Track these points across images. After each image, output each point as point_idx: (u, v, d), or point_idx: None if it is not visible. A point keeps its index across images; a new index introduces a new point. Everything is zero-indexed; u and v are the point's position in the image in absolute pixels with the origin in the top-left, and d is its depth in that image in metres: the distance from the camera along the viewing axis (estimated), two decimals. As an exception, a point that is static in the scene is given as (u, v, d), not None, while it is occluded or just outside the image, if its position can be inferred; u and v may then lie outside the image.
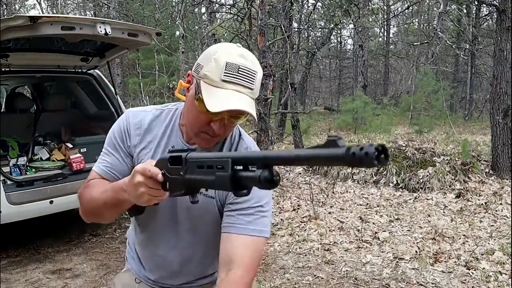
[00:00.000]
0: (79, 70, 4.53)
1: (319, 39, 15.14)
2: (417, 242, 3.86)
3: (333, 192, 5.63)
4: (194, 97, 1.02)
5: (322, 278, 3.21)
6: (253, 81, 0.99)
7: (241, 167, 0.74)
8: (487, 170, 5.94)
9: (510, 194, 5.04)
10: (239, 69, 0.96)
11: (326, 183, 6.08)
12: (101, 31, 3.37)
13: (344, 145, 0.55)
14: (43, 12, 17.25)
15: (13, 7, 18.67)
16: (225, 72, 0.96)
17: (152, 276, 1.27)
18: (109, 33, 3.42)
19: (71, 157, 4.10)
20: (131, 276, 1.31)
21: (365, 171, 6.14)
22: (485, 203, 4.90)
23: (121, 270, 1.39)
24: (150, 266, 1.27)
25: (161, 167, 0.92)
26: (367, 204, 5.14)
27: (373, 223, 4.42)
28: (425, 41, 11.36)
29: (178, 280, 1.26)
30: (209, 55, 1.00)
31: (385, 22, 19.20)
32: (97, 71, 4.63)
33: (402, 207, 4.98)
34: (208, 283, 1.30)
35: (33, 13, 18.40)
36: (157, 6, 12.12)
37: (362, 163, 0.52)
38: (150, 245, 1.24)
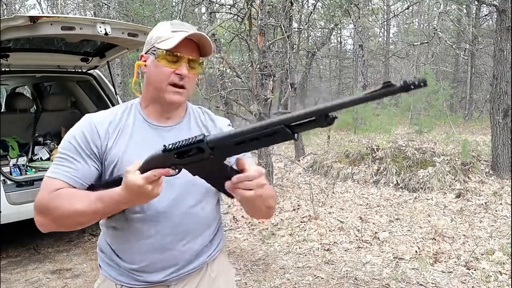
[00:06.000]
0: (79, 70, 4.53)
1: (319, 39, 15.12)
2: (417, 242, 3.86)
3: (333, 192, 5.63)
4: (155, 60, 1.14)
5: (322, 278, 3.21)
6: (196, 30, 1.15)
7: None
8: (487, 170, 5.93)
9: (510, 194, 5.04)
10: (182, 23, 1.17)
11: (326, 183, 6.08)
12: (101, 31, 3.37)
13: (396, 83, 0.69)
14: (43, 12, 17.27)
15: (13, 7, 18.67)
16: (172, 27, 1.14)
17: (139, 268, 1.18)
18: (109, 33, 3.43)
19: (71, 157, 4.10)
20: (109, 284, 1.22)
21: (365, 171, 6.14)
22: (485, 203, 4.90)
23: (96, 282, 1.28)
24: (136, 257, 1.18)
25: (160, 162, 0.94)
26: (367, 204, 5.14)
27: (373, 223, 4.43)
28: (425, 41, 11.33)
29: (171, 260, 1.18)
30: (153, 30, 1.19)
31: (385, 22, 19.19)
32: (97, 71, 4.63)
33: (402, 207, 4.98)
34: (196, 267, 1.22)
35: (33, 13, 18.40)
36: (157, 6, 12.11)
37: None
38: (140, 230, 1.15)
